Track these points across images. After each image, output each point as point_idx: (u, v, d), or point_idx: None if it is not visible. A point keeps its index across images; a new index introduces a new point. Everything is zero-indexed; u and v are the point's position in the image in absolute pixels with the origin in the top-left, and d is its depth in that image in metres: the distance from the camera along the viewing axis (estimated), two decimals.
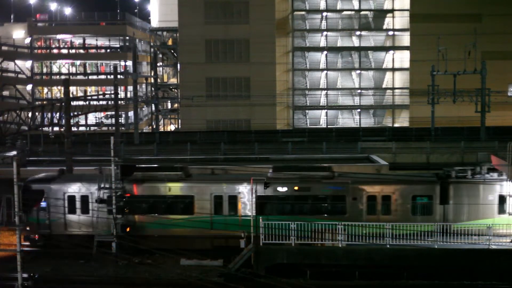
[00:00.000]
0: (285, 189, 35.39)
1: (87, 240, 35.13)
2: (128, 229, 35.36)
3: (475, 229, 32.80)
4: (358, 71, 76.72)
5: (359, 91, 76.61)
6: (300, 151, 52.71)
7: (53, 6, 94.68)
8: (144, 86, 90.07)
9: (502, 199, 34.51)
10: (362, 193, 34.91)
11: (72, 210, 36.27)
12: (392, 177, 37.03)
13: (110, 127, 73.76)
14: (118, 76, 57.39)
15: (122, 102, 71.88)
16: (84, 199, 36.32)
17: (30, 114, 44.08)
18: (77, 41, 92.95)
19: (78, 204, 36.27)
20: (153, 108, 77.02)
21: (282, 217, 33.78)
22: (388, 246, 32.30)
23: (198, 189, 36.03)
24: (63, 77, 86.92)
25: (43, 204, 36.16)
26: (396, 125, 75.58)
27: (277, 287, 29.43)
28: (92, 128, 73.20)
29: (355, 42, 77.21)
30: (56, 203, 35.99)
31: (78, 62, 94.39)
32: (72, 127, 44.30)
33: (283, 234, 32.14)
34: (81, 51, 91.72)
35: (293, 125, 75.72)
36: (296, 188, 35.28)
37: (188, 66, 74.14)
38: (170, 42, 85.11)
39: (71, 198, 36.31)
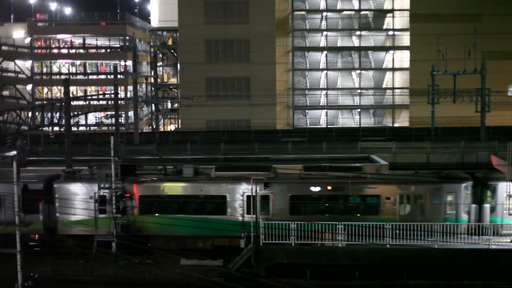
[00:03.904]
0: None
1: None
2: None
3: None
4: (358, 71, 76.71)
5: (359, 91, 76.62)
6: (300, 151, 52.69)
7: (53, 6, 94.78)
8: (144, 86, 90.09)
9: (102, 198, 35.70)
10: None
11: None
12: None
13: (110, 127, 73.73)
14: (118, 76, 57.32)
15: (122, 102, 71.87)
16: None
17: (30, 114, 44.03)
18: (77, 41, 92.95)
19: None
20: (153, 108, 77.01)
21: None
22: (388, 246, 32.32)
23: None
24: (63, 77, 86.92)
25: None
26: (396, 125, 75.56)
27: (277, 287, 29.41)
28: (92, 128, 73.16)
29: (355, 42, 77.20)
30: None
31: (78, 62, 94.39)
32: (72, 127, 44.27)
33: None
34: (81, 51, 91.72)
35: (293, 125, 75.71)
36: None
37: (188, 66, 74.13)
38: (170, 42, 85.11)
39: None
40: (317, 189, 35.40)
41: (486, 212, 34.73)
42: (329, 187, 35.25)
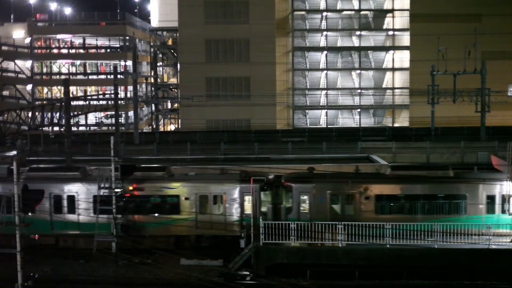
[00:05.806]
0: None
1: None
2: None
3: None
4: (358, 71, 76.69)
5: (359, 91, 76.61)
6: (300, 151, 52.70)
7: (53, 6, 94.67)
8: (144, 86, 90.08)
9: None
10: None
11: None
12: None
13: (110, 127, 73.73)
14: (118, 76, 57.30)
15: (122, 102, 71.85)
16: None
17: (30, 114, 44.09)
18: (77, 41, 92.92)
19: None
20: (153, 108, 77.03)
21: None
22: (388, 246, 32.32)
23: None
24: (63, 77, 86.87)
25: None
26: (396, 125, 75.57)
27: (277, 287, 29.42)
28: (92, 128, 73.19)
29: (355, 42, 77.18)
30: None
31: (78, 62, 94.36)
32: (72, 127, 44.32)
33: None
34: (81, 51, 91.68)
35: (293, 125, 75.70)
36: None
37: (188, 66, 74.11)
38: (170, 42, 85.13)
39: None
40: (121, 189, 36.25)
41: (282, 212, 35.44)
42: (130, 187, 36.26)
